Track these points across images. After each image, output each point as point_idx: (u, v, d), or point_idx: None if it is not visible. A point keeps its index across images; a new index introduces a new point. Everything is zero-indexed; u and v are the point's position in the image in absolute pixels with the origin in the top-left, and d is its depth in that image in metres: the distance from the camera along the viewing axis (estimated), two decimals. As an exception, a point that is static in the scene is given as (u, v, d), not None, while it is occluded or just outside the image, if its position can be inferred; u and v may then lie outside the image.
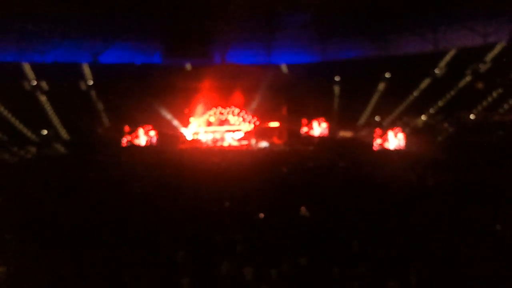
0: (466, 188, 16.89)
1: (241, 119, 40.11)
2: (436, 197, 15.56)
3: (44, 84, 38.39)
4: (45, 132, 34.51)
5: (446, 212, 13.32)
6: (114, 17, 39.25)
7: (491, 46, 37.25)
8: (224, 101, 40.15)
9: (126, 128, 34.93)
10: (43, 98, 37.85)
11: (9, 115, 34.97)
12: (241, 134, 39.47)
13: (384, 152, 30.83)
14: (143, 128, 35.34)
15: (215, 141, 38.63)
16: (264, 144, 36.14)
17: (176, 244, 10.72)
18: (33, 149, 32.35)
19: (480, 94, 34.64)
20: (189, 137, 38.98)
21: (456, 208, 13.62)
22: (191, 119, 39.51)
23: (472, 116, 33.42)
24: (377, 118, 37.09)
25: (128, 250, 10.56)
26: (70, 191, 17.71)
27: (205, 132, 39.47)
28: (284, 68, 44.90)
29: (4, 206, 15.22)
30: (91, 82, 40.16)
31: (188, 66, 43.43)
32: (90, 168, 24.56)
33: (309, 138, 37.21)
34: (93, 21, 40.00)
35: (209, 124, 39.87)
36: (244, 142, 38.07)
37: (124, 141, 34.93)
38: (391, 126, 33.13)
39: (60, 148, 33.49)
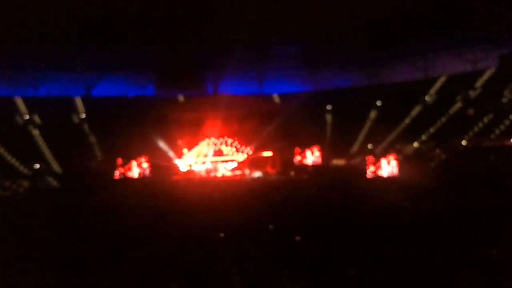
0: (460, 214, 16.90)
1: (234, 149, 40.11)
2: (430, 223, 15.54)
3: (36, 118, 38.44)
4: (37, 165, 34.34)
5: (440, 238, 13.30)
6: (107, 50, 39.57)
7: (480, 72, 37.79)
8: (217, 132, 40.19)
9: (119, 161, 34.81)
10: (35, 132, 37.83)
11: (1, 149, 34.86)
12: (234, 164, 39.41)
13: (378, 179, 30.84)
14: (136, 160, 35.22)
15: (208, 171, 38.51)
16: (257, 174, 36.05)
17: (170, 276, 10.62)
18: (25, 183, 32.13)
19: (471, 120, 34.95)
20: (182, 168, 38.86)
21: (450, 234, 13.61)
22: (184, 150, 39.46)
23: (463, 142, 33.62)
24: (369, 146, 37.22)
25: (121, 283, 10.46)
26: (63, 224, 17.57)
27: (199, 163, 39.39)
28: (276, 98, 45.24)
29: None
30: (83, 115, 40.22)
31: (181, 98, 43.68)
32: (83, 202, 24.41)
33: (303, 166, 37.18)
34: (86, 55, 40.28)
35: (203, 155, 39.81)
36: (238, 172, 37.98)
37: (117, 173, 34.78)
38: (384, 153, 33.20)
39: (53, 182, 33.29)
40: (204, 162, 39.32)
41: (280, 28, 37.25)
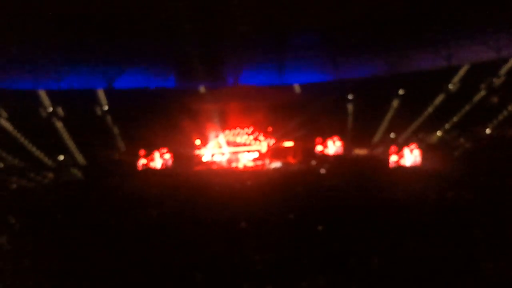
0: (484, 204, 16.68)
1: (255, 139, 40.12)
2: (454, 213, 15.37)
3: (60, 111, 38.91)
4: (61, 157, 34.81)
5: (464, 228, 13.15)
6: (128, 42, 39.79)
7: (504, 60, 37.10)
8: (238, 122, 40.22)
9: (142, 152, 35.11)
10: (59, 124, 38.29)
11: (26, 142, 35.40)
12: (255, 155, 39.43)
13: (400, 169, 30.59)
14: (158, 151, 35.50)
15: (230, 162, 38.63)
16: (277, 164, 36.03)
17: (193, 266, 10.69)
18: (50, 175, 32.63)
19: (495, 108, 34.41)
20: (204, 158, 39.05)
21: (474, 224, 13.44)
22: (206, 141, 39.61)
23: (488, 131, 33.14)
24: (392, 135, 36.90)
25: (146, 273, 10.56)
26: (87, 215, 17.78)
27: (220, 153, 39.51)
28: (297, 88, 45.02)
29: (22, 232, 15.32)
30: (106, 107, 40.58)
31: (202, 89, 43.75)
32: (107, 193, 24.67)
33: (324, 156, 37.03)
34: (107, 47, 40.58)
35: (224, 145, 39.90)
36: (259, 163, 38.00)
37: (140, 164, 35.09)
38: (407, 142, 32.91)
39: (77, 173, 33.74)
40: (225, 153, 39.44)
41: (300, 17, 37.04)
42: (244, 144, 40.06)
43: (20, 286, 9.92)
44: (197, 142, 39.25)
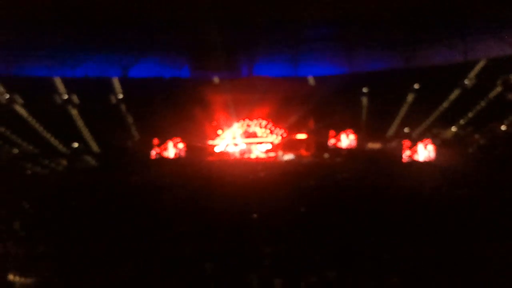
0: (497, 201, 16.56)
1: (268, 131, 40.11)
2: (467, 209, 15.28)
3: (75, 98, 39.15)
4: (76, 145, 35.08)
5: (477, 224, 13.08)
6: (143, 32, 39.88)
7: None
8: (252, 114, 40.22)
9: (155, 141, 35.30)
10: (74, 112, 38.55)
11: (41, 128, 35.70)
12: (268, 146, 39.43)
13: (414, 164, 30.43)
14: (172, 140, 35.66)
15: (242, 153, 38.68)
16: (289, 156, 35.98)
17: (204, 256, 10.75)
18: (64, 162, 32.91)
19: (511, 105, 34.05)
20: (217, 149, 39.14)
21: (488, 221, 13.36)
22: (219, 132, 39.69)
23: (503, 127, 32.82)
24: (406, 130, 36.68)
25: (157, 262, 10.64)
26: (101, 202, 17.92)
27: (233, 144, 39.57)
28: (311, 80, 44.83)
29: (36, 217, 15.48)
30: (120, 96, 40.75)
31: (216, 79, 43.75)
32: (120, 180, 24.84)
33: (337, 150, 36.94)
34: (123, 37, 40.71)
35: (237, 136, 39.94)
36: (272, 154, 38.01)
37: (153, 153, 35.27)
38: (421, 137, 32.71)
39: (91, 161, 33.99)
40: (238, 144, 39.49)
41: (315, 10, 36.82)
42: (257, 136, 40.08)
43: (33, 272, 10.03)
44: (211, 132, 39.34)
